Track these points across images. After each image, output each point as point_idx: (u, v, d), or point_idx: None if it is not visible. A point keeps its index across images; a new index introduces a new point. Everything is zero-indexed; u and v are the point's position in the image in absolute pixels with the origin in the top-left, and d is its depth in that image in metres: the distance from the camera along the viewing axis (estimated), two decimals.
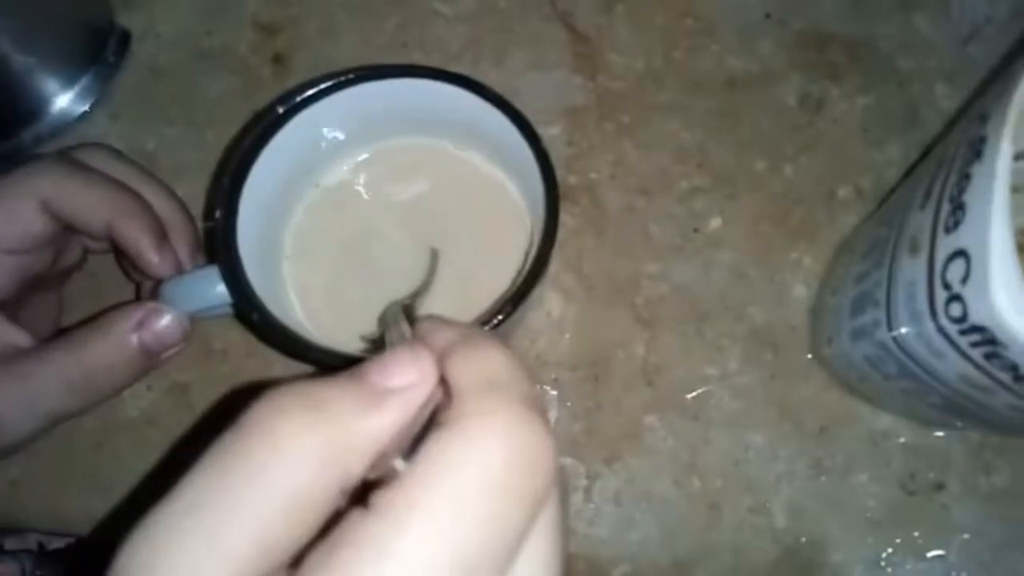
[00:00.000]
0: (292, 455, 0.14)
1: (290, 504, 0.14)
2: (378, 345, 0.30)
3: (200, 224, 0.35)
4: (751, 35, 0.41)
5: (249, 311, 0.26)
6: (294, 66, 0.40)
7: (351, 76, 0.28)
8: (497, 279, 0.33)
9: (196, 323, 0.36)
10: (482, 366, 0.16)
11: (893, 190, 0.37)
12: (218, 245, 0.27)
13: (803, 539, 0.35)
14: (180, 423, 0.36)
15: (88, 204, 0.29)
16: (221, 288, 0.27)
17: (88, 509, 0.35)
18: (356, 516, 0.14)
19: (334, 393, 0.16)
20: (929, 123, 0.39)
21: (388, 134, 0.33)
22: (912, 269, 0.26)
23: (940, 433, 0.35)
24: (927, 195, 0.26)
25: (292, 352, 0.27)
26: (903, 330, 0.27)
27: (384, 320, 0.28)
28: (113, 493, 0.35)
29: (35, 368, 0.28)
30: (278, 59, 0.41)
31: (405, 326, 0.24)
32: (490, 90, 0.28)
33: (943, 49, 0.40)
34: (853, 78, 0.40)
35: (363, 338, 0.30)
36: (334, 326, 0.32)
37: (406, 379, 0.16)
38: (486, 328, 0.26)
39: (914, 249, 0.26)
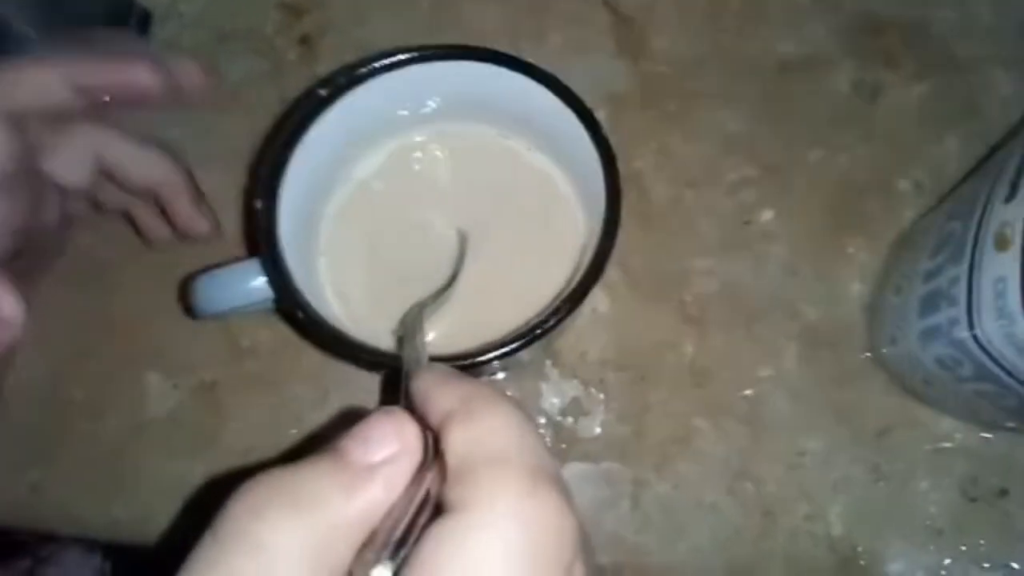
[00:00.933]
0: (275, 561, 0.14)
1: None
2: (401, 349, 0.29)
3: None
4: (801, 19, 0.39)
5: (294, 308, 0.24)
6: (322, 49, 0.38)
7: (399, 58, 0.26)
8: (542, 272, 0.31)
9: (223, 321, 0.35)
10: (484, 435, 0.15)
11: (961, 182, 0.35)
12: (260, 237, 0.25)
13: (861, 548, 0.33)
14: (207, 423, 0.35)
15: (39, 77, 0.27)
16: (261, 283, 0.25)
17: (110, 514, 0.34)
18: None
19: (309, 479, 0.15)
20: (989, 112, 0.37)
21: (426, 121, 0.31)
22: (1000, 265, 0.24)
23: (1002, 437, 0.34)
24: (1014, 188, 0.25)
25: (338, 351, 0.25)
26: (987, 329, 0.25)
27: (404, 324, 0.27)
28: (136, 497, 0.34)
29: None
30: (305, 41, 0.39)
31: (421, 343, 0.22)
32: (544, 72, 0.26)
33: (1003, 34, 0.38)
34: (908, 64, 0.38)
35: (392, 332, 0.28)
36: (373, 321, 0.30)
37: (388, 451, 0.16)
38: (544, 327, 0.24)
39: (1002, 244, 0.24)
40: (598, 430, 0.34)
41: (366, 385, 0.34)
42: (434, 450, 0.16)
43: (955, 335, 0.27)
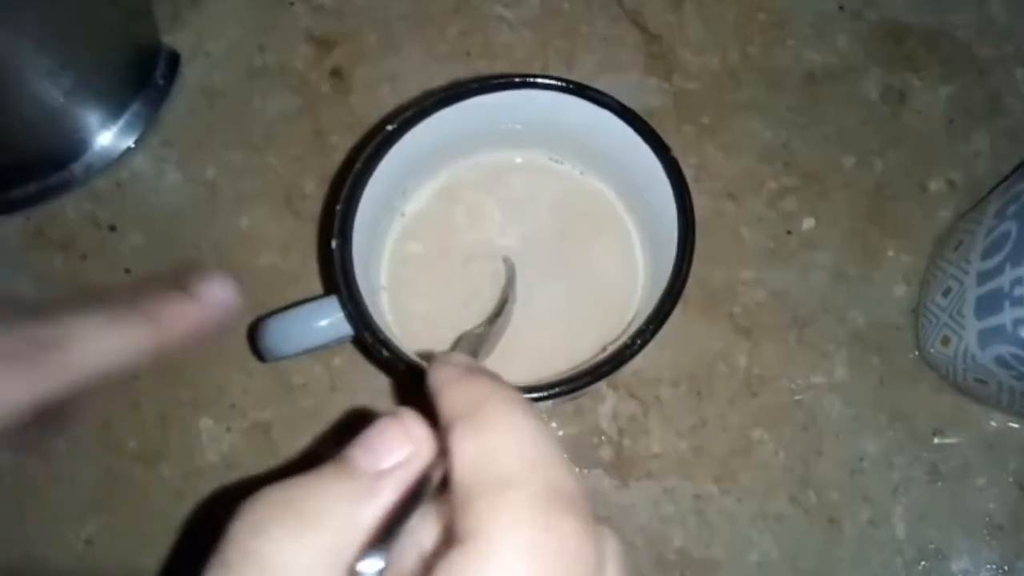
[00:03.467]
0: None
1: None
2: None
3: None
4: (826, 28, 0.39)
5: (376, 344, 0.24)
6: (354, 80, 0.38)
7: (462, 90, 0.26)
8: (598, 298, 0.31)
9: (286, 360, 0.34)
10: (495, 450, 0.14)
11: (1000, 183, 0.36)
12: (336, 275, 0.25)
13: (926, 547, 0.33)
14: (263, 464, 0.34)
15: None
16: (338, 319, 0.25)
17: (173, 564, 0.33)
18: None
19: (315, 492, 0.14)
20: (1014, 110, 0.38)
21: (478, 149, 0.31)
22: None
23: None
24: None
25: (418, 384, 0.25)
26: None
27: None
28: (197, 545, 0.33)
29: None
30: (337, 73, 0.38)
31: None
32: (610, 98, 0.26)
33: (1020, 33, 0.39)
34: (933, 69, 0.39)
35: None
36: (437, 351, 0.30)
37: (396, 457, 0.15)
38: (622, 358, 0.24)
39: None
40: (658, 447, 0.34)
41: None
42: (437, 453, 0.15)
43: (1022, 335, 0.27)
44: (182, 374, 0.35)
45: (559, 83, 0.27)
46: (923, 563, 0.33)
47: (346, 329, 0.25)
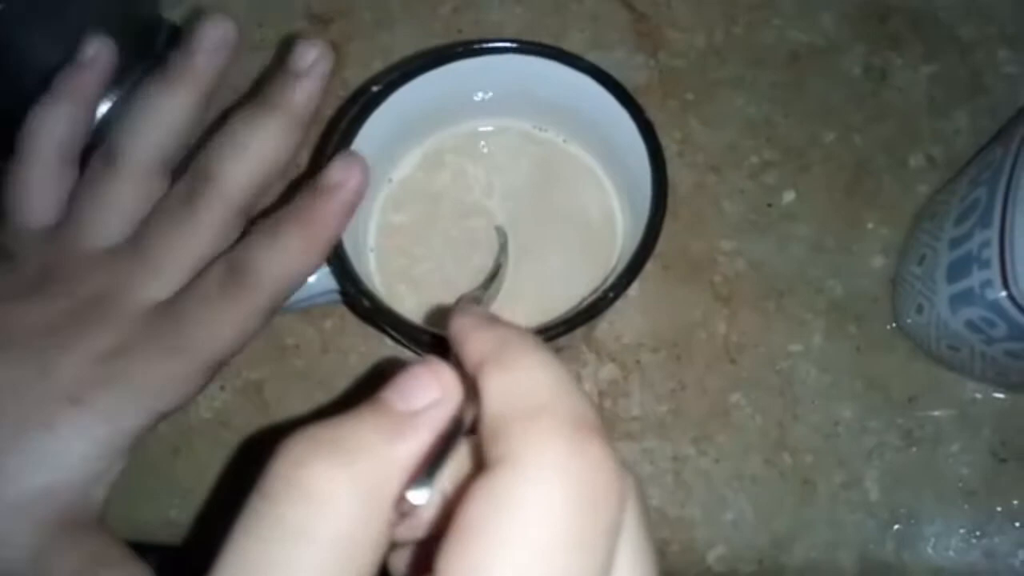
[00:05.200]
0: (326, 506, 0.14)
1: (341, 557, 0.14)
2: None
3: None
4: (811, 8, 0.40)
5: (358, 296, 0.25)
6: (350, 56, 0.40)
7: (446, 54, 0.28)
8: (581, 262, 0.32)
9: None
10: (522, 384, 0.15)
11: (977, 154, 0.36)
12: None
13: (899, 511, 0.34)
14: (254, 422, 0.35)
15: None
16: (324, 275, 0.26)
17: (167, 516, 0.34)
18: None
19: (353, 429, 0.15)
20: (994, 90, 0.39)
21: (466, 116, 0.32)
22: None
23: None
24: None
25: (403, 335, 0.26)
26: (1022, 287, 0.26)
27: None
28: (192, 498, 0.35)
29: None
30: (333, 49, 0.40)
31: None
32: (586, 62, 0.28)
33: (1003, 15, 0.40)
34: (915, 48, 0.40)
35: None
36: (423, 313, 0.31)
37: (428, 398, 0.16)
38: (592, 311, 0.25)
39: None
40: (637, 410, 0.35)
41: None
42: (469, 390, 0.16)
43: (989, 297, 0.28)
44: None
45: (539, 48, 0.28)
46: (896, 526, 0.34)
47: (330, 283, 0.26)
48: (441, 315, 0.31)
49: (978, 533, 0.34)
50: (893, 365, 0.35)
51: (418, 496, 0.14)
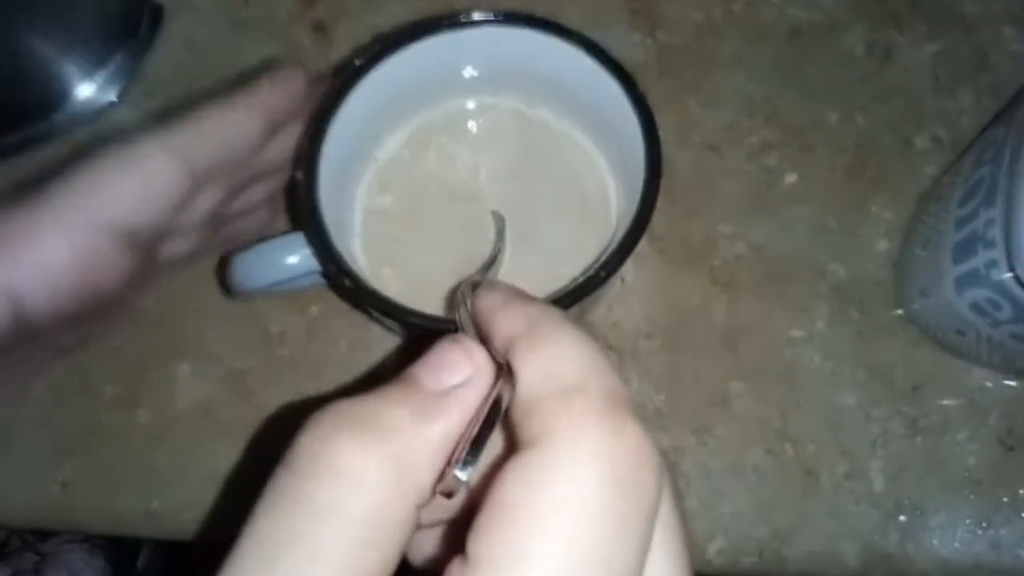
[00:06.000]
0: (355, 483, 0.13)
1: (368, 535, 0.13)
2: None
3: None
4: None
5: (340, 276, 0.24)
6: (337, 34, 0.38)
7: (433, 26, 0.26)
8: (577, 241, 0.31)
9: (252, 306, 0.34)
10: (555, 362, 0.15)
11: (980, 134, 0.35)
12: (301, 208, 0.25)
13: (904, 501, 0.33)
14: (238, 412, 0.34)
15: (241, 125, 0.25)
16: (305, 254, 0.25)
17: (147, 507, 0.33)
18: (456, 568, 0.13)
19: (383, 407, 0.14)
20: (1000, 68, 0.38)
21: (455, 94, 0.31)
22: None
23: None
24: None
25: (385, 315, 0.25)
26: None
27: (454, 300, 0.26)
28: (172, 488, 0.33)
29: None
30: (319, 27, 0.39)
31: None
32: (577, 33, 0.26)
33: None
34: (918, 25, 0.39)
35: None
36: (410, 297, 0.30)
37: (460, 376, 0.15)
38: (592, 283, 0.24)
39: None
40: (634, 399, 0.34)
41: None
42: (505, 369, 0.15)
43: (994, 277, 0.27)
44: (161, 321, 0.35)
45: (527, 20, 0.27)
46: (901, 517, 0.33)
47: (312, 264, 0.25)
48: (448, 298, 0.30)
49: (984, 524, 0.33)
50: (897, 352, 0.34)
51: (464, 474, 0.14)
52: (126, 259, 0.23)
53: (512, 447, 0.14)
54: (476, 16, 0.27)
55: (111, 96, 0.37)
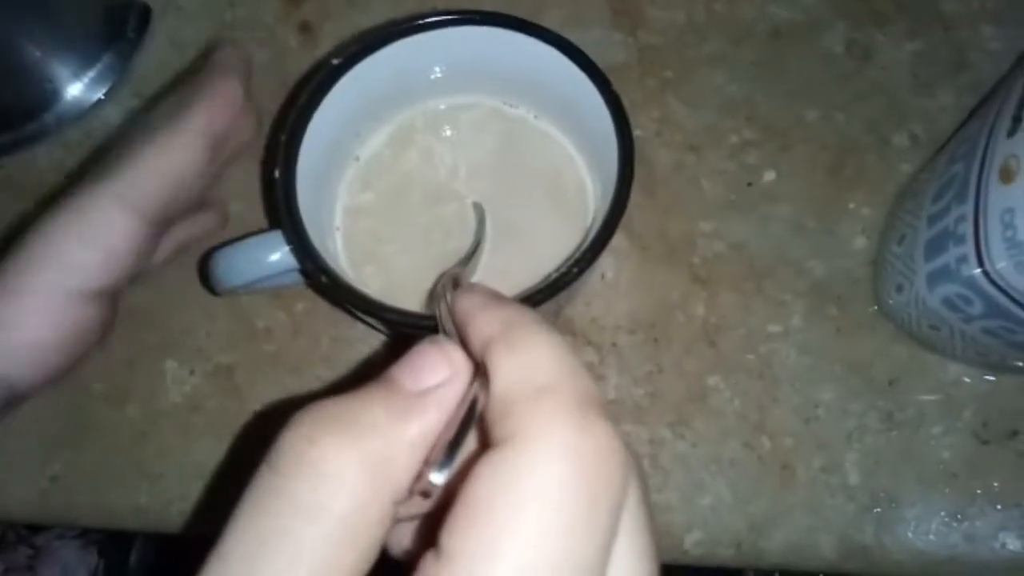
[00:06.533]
0: (335, 483, 0.14)
1: (348, 533, 0.14)
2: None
3: None
4: None
5: (318, 273, 0.25)
6: (322, 35, 0.39)
7: (409, 25, 0.27)
8: (555, 238, 0.32)
9: (239, 302, 0.35)
10: (529, 365, 0.15)
11: (957, 131, 0.36)
12: (279, 206, 0.25)
13: (879, 494, 0.33)
14: (225, 407, 0.35)
15: (187, 163, 0.27)
16: (283, 252, 0.25)
17: (135, 501, 0.34)
18: (429, 562, 0.13)
19: (363, 407, 0.15)
20: (979, 66, 0.38)
21: (433, 93, 0.32)
22: (1006, 197, 0.25)
23: (1010, 379, 0.34)
24: (1017, 121, 0.25)
25: (363, 311, 0.25)
26: (996, 263, 0.26)
27: (435, 294, 0.27)
28: (160, 483, 0.34)
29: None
30: (305, 28, 0.39)
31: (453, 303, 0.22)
32: (550, 32, 0.27)
33: None
34: (899, 24, 0.39)
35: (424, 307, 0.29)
36: (391, 295, 0.30)
37: (438, 377, 0.16)
38: (563, 280, 0.25)
39: (1006, 177, 0.25)
40: (613, 394, 0.35)
41: (381, 362, 0.35)
42: (481, 371, 0.16)
43: (964, 273, 0.27)
44: (148, 318, 0.35)
45: (502, 19, 0.27)
46: (876, 509, 0.33)
47: (290, 261, 0.26)
48: (428, 294, 0.30)
49: (959, 516, 0.33)
50: (874, 347, 0.35)
51: (439, 477, 0.14)
52: (100, 315, 0.26)
53: (485, 445, 0.15)
54: (453, 15, 0.27)
55: (99, 95, 0.38)
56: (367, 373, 0.34)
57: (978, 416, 0.34)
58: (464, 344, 0.17)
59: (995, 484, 0.33)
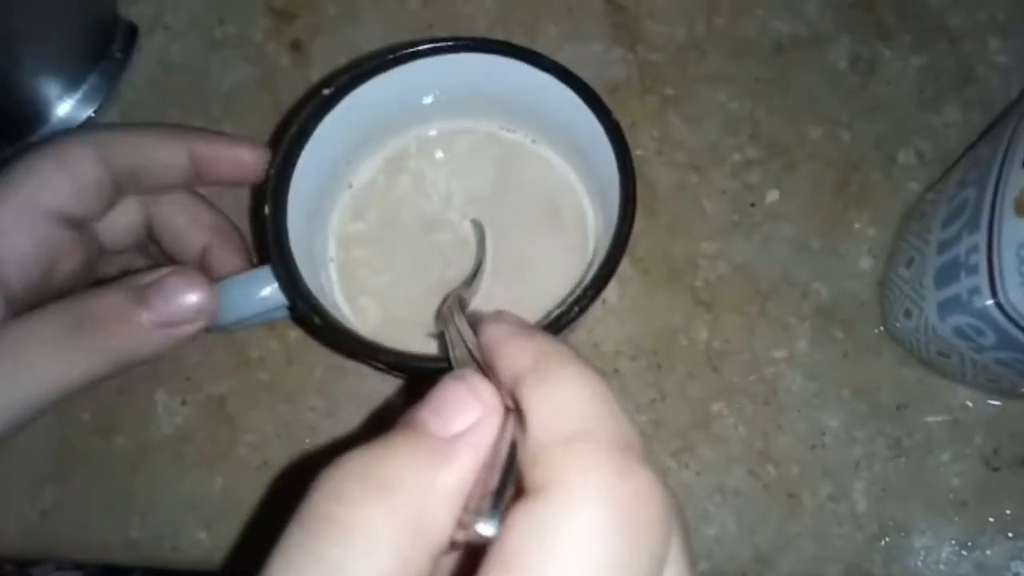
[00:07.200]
0: (369, 543, 0.13)
1: None
2: (441, 340, 0.28)
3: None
4: None
5: (309, 313, 0.24)
6: (314, 53, 0.38)
7: (401, 54, 0.26)
8: (554, 264, 0.31)
9: (231, 333, 0.34)
10: (564, 404, 0.14)
11: (967, 151, 0.35)
12: (269, 243, 0.24)
13: (887, 523, 0.33)
14: (218, 437, 0.34)
15: (164, 140, 0.26)
16: (273, 289, 0.24)
17: (126, 534, 0.33)
18: None
19: (391, 458, 0.14)
20: (986, 80, 0.37)
21: (426, 119, 0.31)
22: (1021, 231, 0.24)
23: (1021, 405, 0.33)
24: None
25: (355, 353, 0.24)
26: (1011, 296, 0.25)
27: (442, 315, 0.26)
28: (152, 516, 0.33)
29: (19, 330, 0.24)
30: (297, 46, 0.38)
31: (463, 324, 0.22)
32: (546, 59, 0.26)
33: (994, 1, 0.38)
34: (904, 37, 0.38)
35: (429, 335, 0.28)
36: (385, 324, 0.29)
37: (468, 418, 0.15)
38: (564, 319, 0.24)
39: (1022, 210, 0.24)
40: None
41: (379, 392, 0.34)
42: (514, 410, 0.15)
43: (976, 304, 0.26)
44: None
45: (496, 45, 0.26)
46: (885, 539, 0.33)
47: (279, 299, 0.25)
48: (439, 316, 0.29)
49: (969, 545, 0.33)
50: (881, 371, 0.34)
51: (489, 528, 0.13)
52: (73, 241, 0.26)
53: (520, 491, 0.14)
54: (446, 42, 0.26)
55: (85, 115, 0.37)
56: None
57: (988, 442, 0.33)
58: (482, 369, 0.16)
59: (1007, 512, 0.33)
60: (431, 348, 0.28)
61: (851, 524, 0.33)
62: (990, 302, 0.26)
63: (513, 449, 0.14)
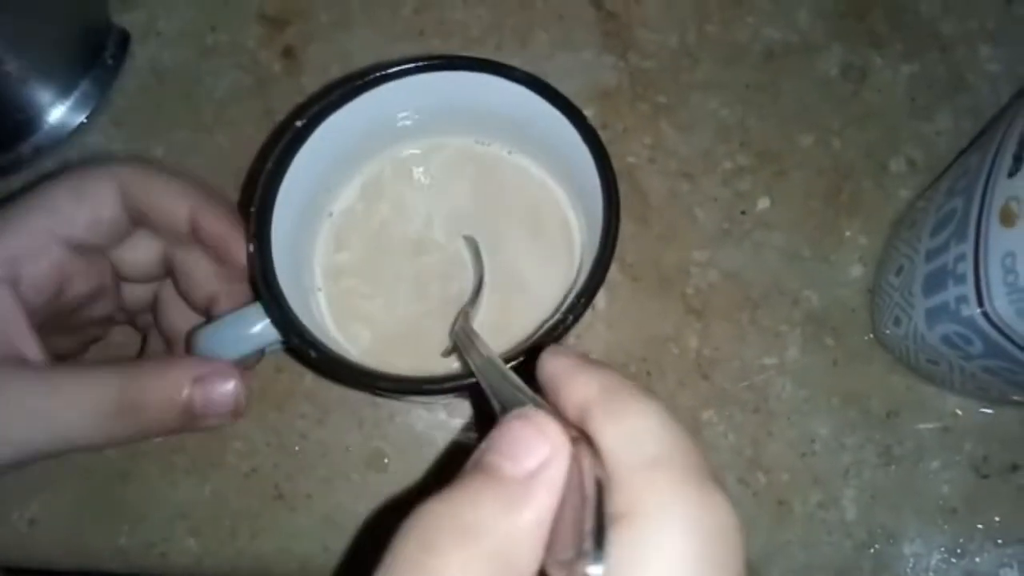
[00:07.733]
0: None
1: None
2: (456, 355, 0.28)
3: None
4: (787, 4, 0.39)
5: (304, 347, 0.24)
6: (306, 60, 0.38)
7: (372, 78, 0.26)
8: (540, 274, 0.31)
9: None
10: (636, 434, 0.15)
11: (956, 159, 0.35)
12: (257, 280, 0.24)
13: (877, 530, 0.33)
14: (208, 444, 0.34)
15: (170, 191, 0.26)
16: (265, 326, 0.24)
17: (115, 543, 0.33)
18: None
19: (472, 504, 0.14)
20: (977, 88, 0.37)
21: (403, 138, 0.31)
22: (1008, 240, 0.24)
23: (1010, 413, 0.34)
24: (1018, 161, 0.25)
25: (357, 383, 0.24)
26: (997, 305, 0.25)
27: (456, 335, 0.26)
28: (141, 524, 0.33)
29: (66, 383, 0.25)
30: (288, 53, 0.38)
31: (482, 343, 0.22)
32: (520, 72, 0.26)
33: (984, 9, 0.38)
34: (895, 45, 0.38)
35: (442, 354, 0.28)
36: (378, 346, 0.29)
37: (539, 457, 0.15)
38: (558, 329, 0.24)
39: (1007, 219, 0.24)
40: None
41: (368, 399, 0.34)
42: (587, 444, 0.15)
43: (964, 313, 0.27)
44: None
45: (464, 62, 0.26)
46: (875, 546, 0.33)
47: (272, 335, 0.25)
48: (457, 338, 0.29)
49: (959, 552, 0.33)
50: (872, 379, 0.34)
51: (597, 570, 0.13)
52: (81, 264, 0.27)
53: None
54: (418, 62, 0.26)
55: (77, 123, 0.37)
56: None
57: (978, 449, 0.33)
58: (519, 392, 0.16)
59: (996, 519, 0.33)
60: (431, 369, 0.28)
61: (841, 531, 0.33)
62: (977, 311, 0.26)
63: (599, 486, 0.14)
